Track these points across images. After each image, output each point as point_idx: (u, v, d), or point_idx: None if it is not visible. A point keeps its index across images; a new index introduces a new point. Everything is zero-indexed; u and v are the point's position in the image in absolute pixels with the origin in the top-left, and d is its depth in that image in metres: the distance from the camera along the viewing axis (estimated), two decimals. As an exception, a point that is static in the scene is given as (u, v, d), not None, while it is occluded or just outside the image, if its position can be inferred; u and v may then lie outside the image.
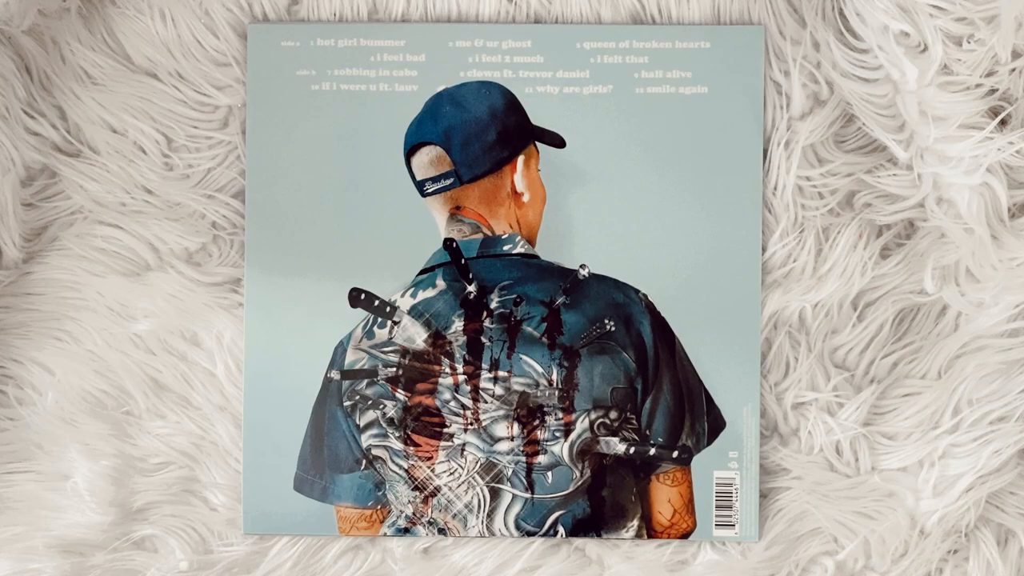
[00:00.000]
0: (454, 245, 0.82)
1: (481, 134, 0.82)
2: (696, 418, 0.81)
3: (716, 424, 0.81)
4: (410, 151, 0.83)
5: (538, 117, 0.83)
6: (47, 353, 0.83)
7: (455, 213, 0.83)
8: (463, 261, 0.82)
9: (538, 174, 0.83)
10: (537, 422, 0.80)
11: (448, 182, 0.82)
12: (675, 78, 0.82)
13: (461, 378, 0.81)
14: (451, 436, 0.80)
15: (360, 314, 0.82)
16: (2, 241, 0.82)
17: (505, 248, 0.82)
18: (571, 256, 0.83)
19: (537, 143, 0.83)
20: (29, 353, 0.83)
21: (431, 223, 0.83)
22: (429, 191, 0.82)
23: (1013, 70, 0.78)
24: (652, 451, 0.80)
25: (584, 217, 0.83)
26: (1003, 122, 0.79)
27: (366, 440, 0.81)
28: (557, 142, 0.83)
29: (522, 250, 0.83)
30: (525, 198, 0.83)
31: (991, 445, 0.81)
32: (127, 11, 0.82)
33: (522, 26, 0.84)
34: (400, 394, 0.81)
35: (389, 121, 0.83)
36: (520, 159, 0.83)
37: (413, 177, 0.83)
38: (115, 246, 0.83)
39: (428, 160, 0.82)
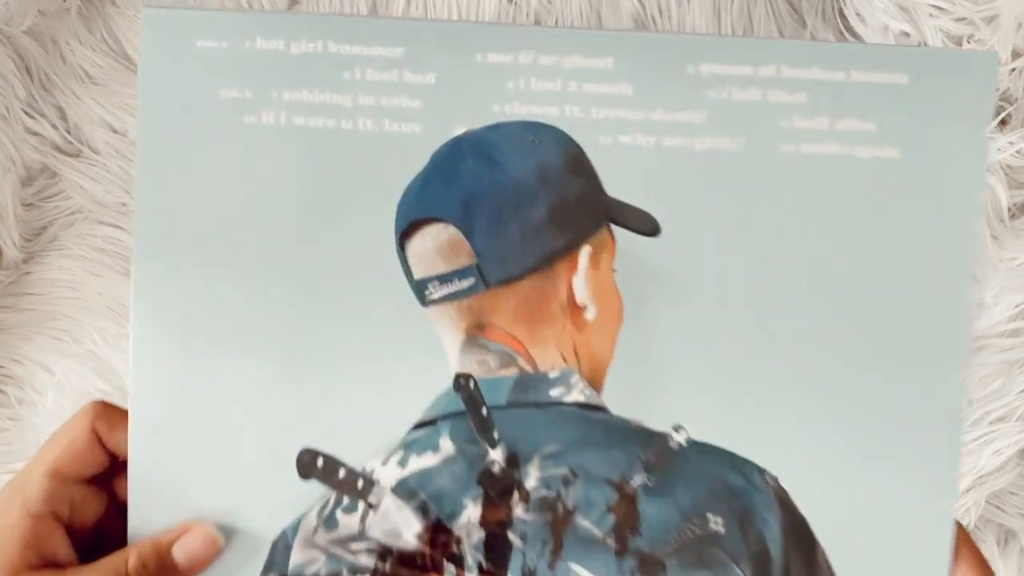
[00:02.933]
0: (471, 385, 0.54)
1: (522, 208, 0.54)
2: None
3: None
4: (406, 231, 0.55)
5: (618, 184, 0.54)
6: (47, 353, 0.84)
7: (475, 334, 0.55)
8: (484, 411, 0.54)
9: (612, 277, 0.55)
10: None
11: (465, 284, 0.55)
12: (848, 131, 0.54)
13: None
14: None
15: (316, 490, 0.55)
16: (2, 241, 0.82)
17: (553, 393, 0.54)
18: (659, 410, 0.54)
19: (613, 227, 0.55)
20: (29, 353, 0.84)
21: (434, 347, 0.55)
22: (434, 296, 0.55)
23: (1013, 70, 0.78)
24: None
25: (683, 350, 0.54)
26: (1003, 122, 0.79)
27: None
28: (646, 227, 0.55)
29: (580, 397, 0.54)
30: (589, 314, 0.55)
31: (991, 445, 0.81)
32: (127, 11, 0.82)
33: (598, 34, 0.55)
34: None
35: (372, 180, 0.55)
36: (584, 252, 0.55)
37: (409, 273, 0.55)
38: (115, 246, 0.83)
39: (435, 247, 0.55)
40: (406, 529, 0.54)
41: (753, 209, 0.54)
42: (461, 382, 0.54)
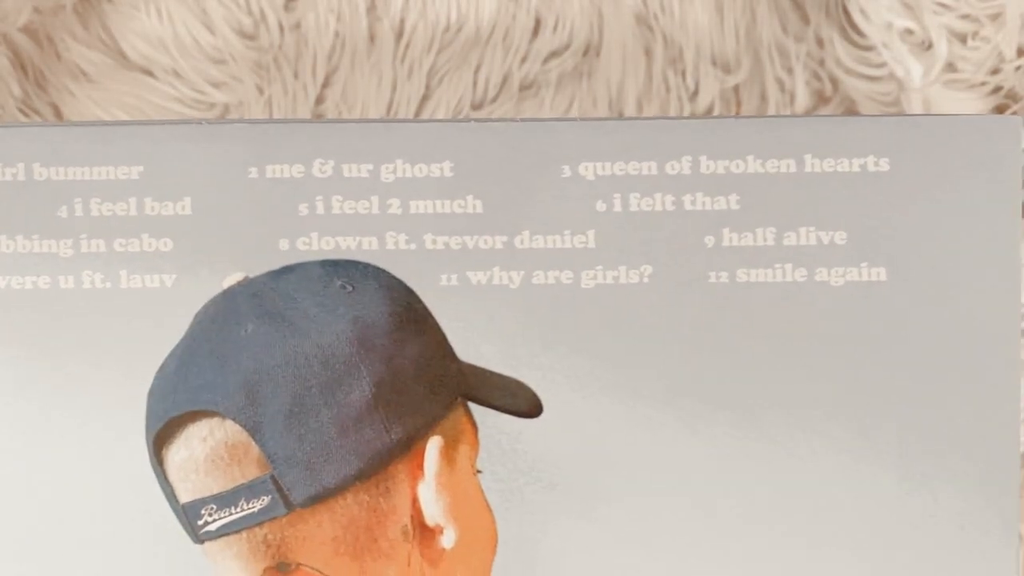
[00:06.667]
0: None
1: (334, 388, 0.38)
2: None
3: None
4: (162, 433, 0.38)
5: (473, 343, 0.39)
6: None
7: None
8: None
9: (476, 481, 0.39)
10: None
11: (257, 506, 0.37)
12: (805, 247, 0.41)
13: None
14: None
15: None
16: (-2, 240, 0.82)
17: None
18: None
19: (471, 406, 0.40)
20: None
21: None
22: (211, 528, 0.38)
23: (1018, 67, 0.77)
24: None
25: None
26: (1008, 120, 0.78)
27: None
28: (520, 403, 0.39)
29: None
30: (446, 539, 0.38)
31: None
32: (123, 7, 0.81)
33: (425, 126, 0.41)
34: None
35: (106, 361, 0.39)
36: (432, 447, 0.38)
37: (171, 495, 0.39)
38: (112, 244, 0.83)
39: (206, 454, 0.38)
40: None
41: (669, 368, 0.39)
42: None
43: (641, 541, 0.39)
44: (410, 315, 0.39)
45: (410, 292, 0.40)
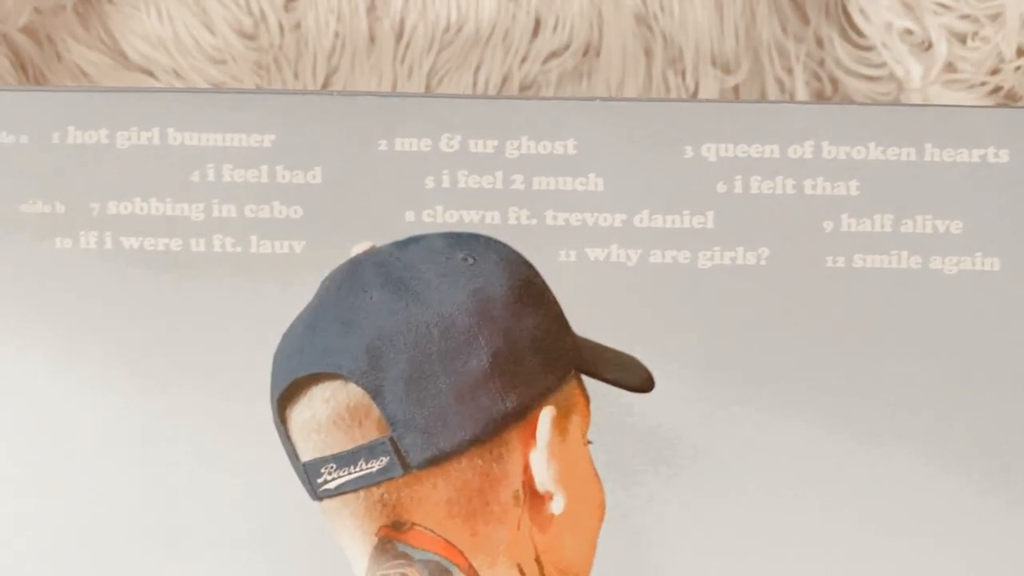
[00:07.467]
0: None
1: (453, 357, 0.38)
2: None
3: None
4: (287, 393, 0.40)
5: (590, 318, 0.39)
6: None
7: (392, 537, 0.39)
8: None
9: (586, 451, 0.40)
10: None
11: (376, 466, 0.38)
12: (922, 235, 0.42)
13: None
14: None
15: None
16: None
17: None
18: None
19: (585, 379, 0.40)
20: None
21: (334, 557, 0.39)
22: (330, 486, 0.39)
23: (1018, 68, 0.77)
24: None
25: (695, 556, 0.40)
26: (1009, 120, 0.78)
27: None
28: (633, 379, 0.41)
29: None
30: (555, 506, 0.39)
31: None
32: (123, 8, 0.81)
33: (552, 104, 0.42)
34: None
35: (236, 322, 0.40)
36: (545, 417, 0.39)
37: (293, 453, 0.40)
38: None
39: (329, 414, 0.39)
40: None
41: (782, 350, 0.41)
42: None
43: (743, 518, 0.40)
44: (529, 289, 0.40)
45: (529, 266, 0.41)
